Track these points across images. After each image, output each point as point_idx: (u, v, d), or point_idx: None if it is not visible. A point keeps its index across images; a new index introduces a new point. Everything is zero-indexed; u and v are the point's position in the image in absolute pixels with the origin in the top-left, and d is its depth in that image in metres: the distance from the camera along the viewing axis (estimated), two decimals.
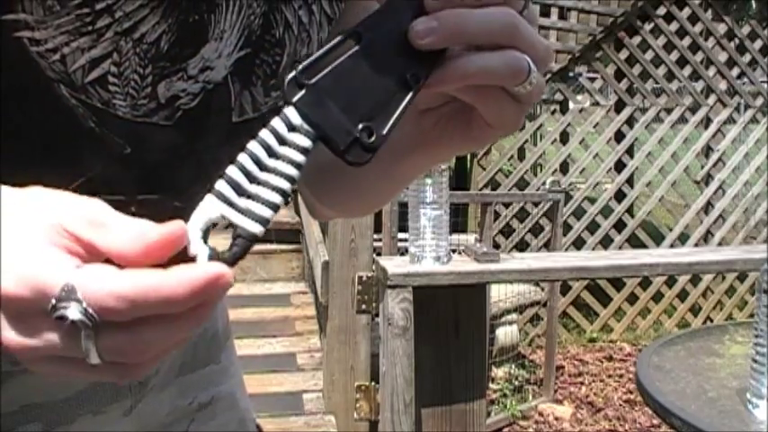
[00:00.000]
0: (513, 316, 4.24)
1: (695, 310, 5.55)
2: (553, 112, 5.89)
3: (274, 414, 3.00)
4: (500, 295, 3.99)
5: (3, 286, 0.38)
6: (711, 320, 5.45)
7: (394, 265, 2.05)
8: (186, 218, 0.39)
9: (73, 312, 0.36)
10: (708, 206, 5.73)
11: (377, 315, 2.38)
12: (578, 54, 5.50)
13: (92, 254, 0.38)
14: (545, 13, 5.45)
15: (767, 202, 5.71)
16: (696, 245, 5.53)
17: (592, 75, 5.89)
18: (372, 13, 0.43)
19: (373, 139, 0.41)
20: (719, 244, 5.55)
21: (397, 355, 2.00)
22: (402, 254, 3.13)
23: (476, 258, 2.09)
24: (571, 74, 5.78)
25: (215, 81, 0.59)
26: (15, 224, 0.39)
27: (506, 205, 5.25)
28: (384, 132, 0.42)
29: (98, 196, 0.60)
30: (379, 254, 3.32)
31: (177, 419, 0.76)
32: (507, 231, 5.26)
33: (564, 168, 6.03)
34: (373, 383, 2.96)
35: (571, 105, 6.07)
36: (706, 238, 5.70)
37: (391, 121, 0.42)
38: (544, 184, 5.27)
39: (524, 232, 5.28)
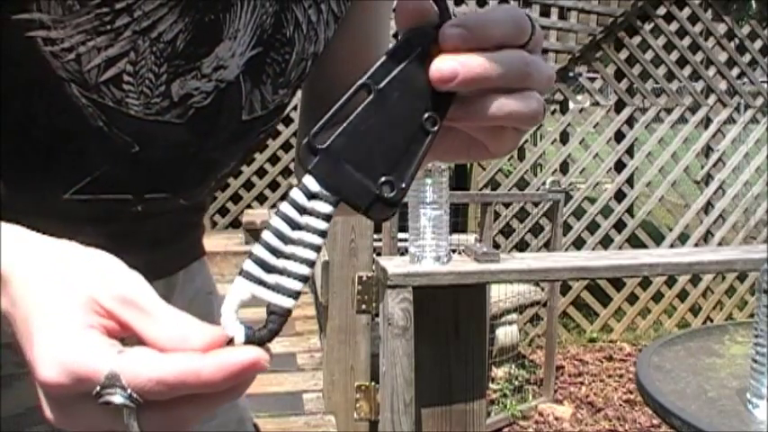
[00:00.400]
0: (513, 316, 4.24)
1: (695, 310, 5.55)
2: (553, 112, 5.89)
3: (274, 414, 3.00)
4: (500, 295, 3.99)
5: (45, 375, 0.38)
6: (711, 320, 5.45)
7: (394, 265, 2.04)
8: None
9: (118, 398, 0.37)
10: (708, 206, 5.73)
11: (377, 315, 2.38)
12: (578, 54, 5.50)
13: (127, 330, 0.39)
14: (545, 13, 5.45)
15: (767, 202, 5.71)
16: (696, 245, 5.53)
17: (592, 75, 5.89)
18: (380, 62, 0.42)
19: (394, 193, 0.41)
20: (719, 244, 5.55)
21: (397, 355, 2.00)
22: (402, 254, 3.13)
23: (476, 258, 2.09)
24: (571, 74, 5.78)
25: (227, 80, 0.59)
26: (49, 303, 0.40)
27: (506, 205, 5.25)
28: (404, 185, 0.41)
29: (104, 194, 0.60)
30: (379, 254, 3.32)
31: None
32: (507, 231, 5.26)
33: (564, 168, 6.02)
34: (373, 383, 2.96)
35: (571, 105, 6.07)
36: (706, 238, 5.70)
37: (411, 171, 0.42)
38: (544, 184, 5.27)
39: (524, 232, 5.28)
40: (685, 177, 5.82)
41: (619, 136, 5.66)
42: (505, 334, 4.18)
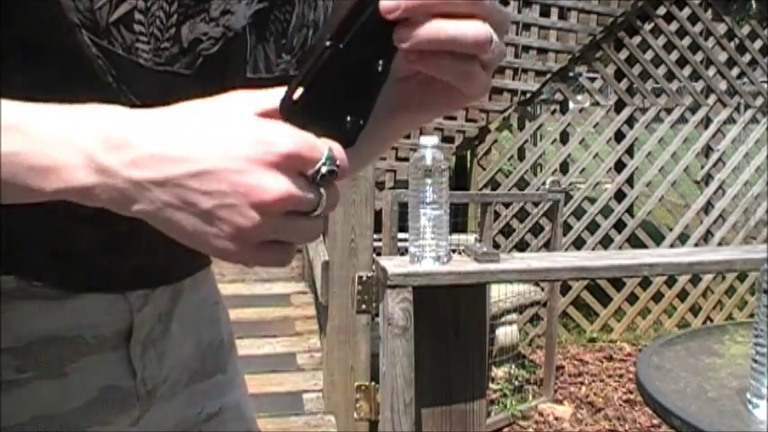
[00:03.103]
0: (513, 316, 4.24)
1: (695, 310, 5.55)
2: (553, 112, 5.89)
3: (274, 414, 3.00)
4: (500, 295, 3.99)
5: (285, 144, 0.46)
6: (711, 320, 5.44)
7: (394, 265, 2.04)
8: None
9: (330, 167, 0.47)
10: (708, 206, 5.73)
11: (377, 315, 2.38)
12: (578, 54, 5.50)
13: None
14: (545, 13, 5.45)
15: (767, 202, 5.71)
16: (696, 245, 5.53)
17: (592, 75, 5.90)
18: (340, 21, 0.48)
19: (353, 128, 0.50)
20: (719, 244, 5.55)
21: (397, 355, 1.99)
22: (402, 254, 3.12)
23: (476, 258, 2.09)
24: (571, 74, 5.78)
25: (234, 29, 0.59)
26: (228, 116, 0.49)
27: (506, 205, 5.25)
28: (362, 121, 0.50)
29: None
30: (379, 254, 3.32)
31: (185, 430, 0.75)
32: (507, 231, 5.25)
33: (564, 168, 6.02)
34: (373, 383, 2.96)
35: (571, 105, 6.08)
36: (706, 238, 5.70)
37: (369, 108, 0.51)
38: (544, 184, 5.27)
39: (524, 232, 5.28)
40: (685, 177, 5.82)
41: (619, 136, 5.66)
42: (505, 334, 4.17)
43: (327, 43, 0.48)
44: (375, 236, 3.18)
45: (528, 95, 5.47)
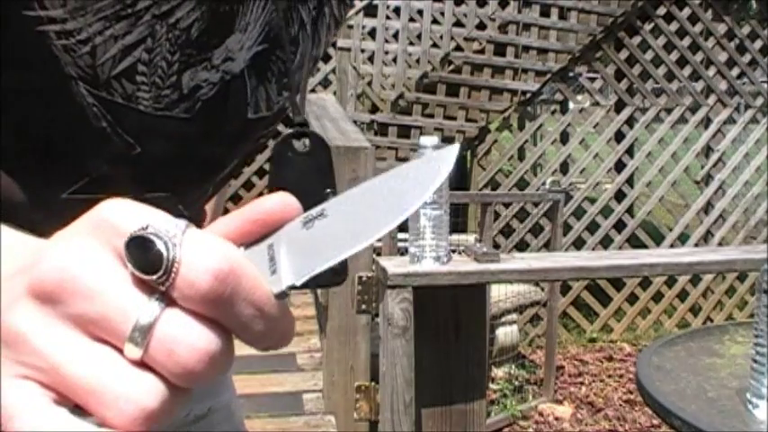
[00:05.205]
0: (513, 316, 4.24)
1: (695, 310, 5.55)
2: (553, 112, 5.89)
3: (274, 414, 3.00)
4: (500, 295, 3.99)
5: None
6: (711, 320, 5.45)
7: (394, 265, 2.04)
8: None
9: None
10: (708, 206, 5.73)
11: (377, 315, 2.38)
12: (578, 54, 5.50)
13: None
14: (545, 13, 5.46)
15: (767, 202, 5.71)
16: (696, 245, 5.53)
17: (592, 75, 5.90)
18: None
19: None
20: (719, 244, 5.55)
21: (397, 355, 1.99)
22: (402, 254, 3.12)
23: (476, 258, 2.09)
24: (571, 74, 5.78)
25: (233, 72, 0.59)
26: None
27: (506, 205, 5.25)
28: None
29: (101, 194, 0.60)
30: (378, 254, 3.32)
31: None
32: (507, 231, 5.26)
33: (564, 168, 6.03)
34: (373, 383, 2.95)
35: (571, 105, 6.08)
36: (706, 238, 5.70)
37: None
38: (544, 184, 5.27)
39: (524, 232, 5.28)
40: (685, 177, 5.83)
41: (619, 136, 5.66)
42: (505, 334, 4.18)
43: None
44: None
45: (528, 95, 5.47)
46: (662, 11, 5.57)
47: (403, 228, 3.22)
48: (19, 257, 0.35)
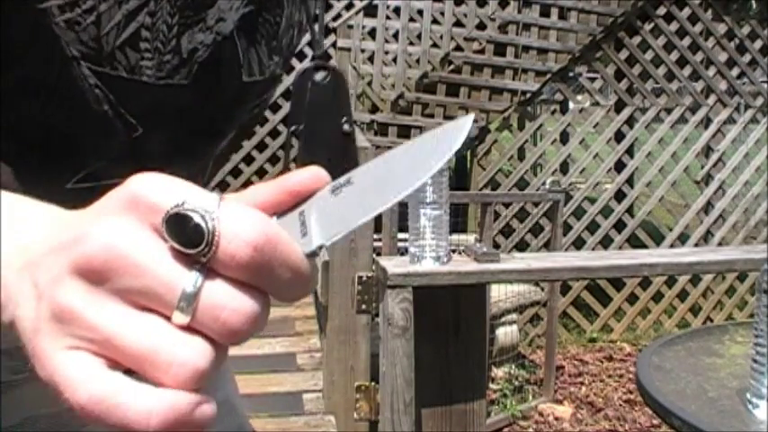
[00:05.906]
0: (513, 316, 4.24)
1: (695, 310, 5.55)
2: (553, 112, 5.89)
3: (274, 414, 3.00)
4: (500, 295, 3.99)
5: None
6: (711, 320, 5.45)
7: (394, 265, 2.04)
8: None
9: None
10: (708, 206, 5.73)
11: (377, 315, 2.38)
12: (578, 54, 5.50)
13: None
14: (545, 13, 5.46)
15: (767, 202, 5.71)
16: (696, 245, 5.53)
17: (592, 75, 5.90)
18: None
19: None
20: (719, 244, 5.55)
21: (397, 355, 1.99)
22: (402, 254, 3.12)
23: (476, 258, 2.08)
24: (571, 74, 5.78)
25: (224, 33, 0.60)
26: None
27: (506, 205, 5.25)
28: None
29: (100, 182, 0.60)
30: (378, 254, 3.32)
31: None
32: (507, 231, 5.26)
33: (564, 168, 6.03)
34: (373, 383, 2.95)
35: (571, 105, 6.08)
36: (706, 238, 5.70)
37: None
38: (544, 184, 5.27)
39: (524, 232, 5.28)
40: (685, 177, 5.83)
41: (619, 136, 5.67)
42: (505, 334, 4.17)
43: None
44: (375, 236, 3.18)
45: (528, 95, 5.47)
46: (662, 11, 5.57)
47: (403, 228, 3.22)
48: (56, 231, 0.36)
